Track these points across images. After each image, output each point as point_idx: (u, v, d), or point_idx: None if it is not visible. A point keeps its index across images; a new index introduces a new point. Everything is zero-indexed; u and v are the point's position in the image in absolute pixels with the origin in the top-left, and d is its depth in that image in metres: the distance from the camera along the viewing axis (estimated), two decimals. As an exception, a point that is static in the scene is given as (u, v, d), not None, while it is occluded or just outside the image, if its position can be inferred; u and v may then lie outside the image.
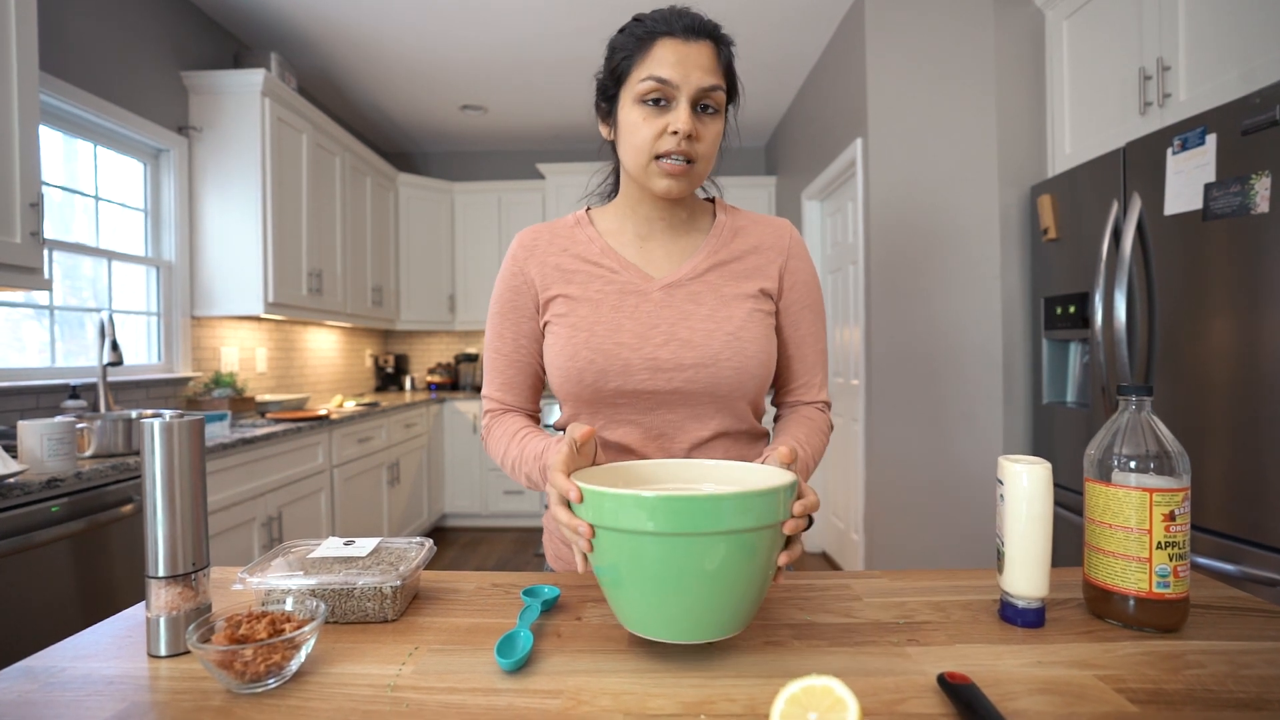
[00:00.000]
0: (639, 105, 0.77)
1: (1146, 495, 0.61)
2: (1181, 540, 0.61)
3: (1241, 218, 1.49)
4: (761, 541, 0.54)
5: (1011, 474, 0.64)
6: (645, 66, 0.77)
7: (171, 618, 0.58)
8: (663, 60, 0.76)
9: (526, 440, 0.82)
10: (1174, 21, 1.80)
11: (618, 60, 0.80)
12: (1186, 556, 0.61)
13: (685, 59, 0.76)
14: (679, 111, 0.76)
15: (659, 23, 0.78)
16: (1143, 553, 0.61)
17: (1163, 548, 0.61)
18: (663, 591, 0.54)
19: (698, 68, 0.76)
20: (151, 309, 2.59)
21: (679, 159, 0.76)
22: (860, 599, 0.71)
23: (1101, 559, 0.64)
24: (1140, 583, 0.61)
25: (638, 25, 0.79)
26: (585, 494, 0.56)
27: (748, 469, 0.67)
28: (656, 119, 0.76)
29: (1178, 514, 0.61)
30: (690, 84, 0.76)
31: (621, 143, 0.81)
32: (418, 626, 0.65)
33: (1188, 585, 0.61)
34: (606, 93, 0.83)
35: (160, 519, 0.57)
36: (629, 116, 0.78)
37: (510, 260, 0.88)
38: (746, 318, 0.83)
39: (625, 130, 0.79)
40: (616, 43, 0.81)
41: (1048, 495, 0.63)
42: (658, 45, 0.77)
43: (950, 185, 2.49)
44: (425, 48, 3.19)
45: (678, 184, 0.78)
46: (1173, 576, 0.60)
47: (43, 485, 1.35)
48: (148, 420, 0.57)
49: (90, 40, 2.23)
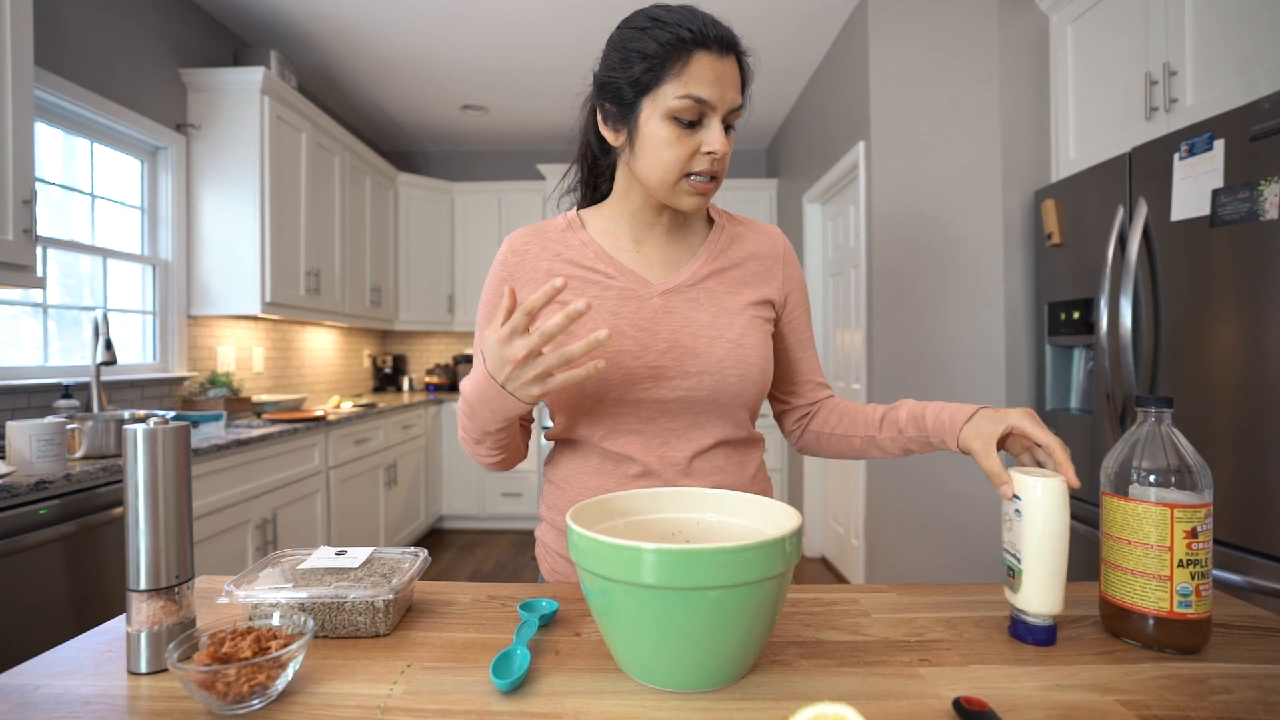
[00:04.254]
0: (670, 122, 0.73)
1: (1167, 511, 0.59)
2: (1204, 558, 0.59)
3: (1250, 224, 1.47)
4: (767, 591, 0.51)
5: (1027, 486, 0.62)
6: (682, 83, 0.71)
7: (153, 633, 0.55)
8: (701, 78, 0.71)
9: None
10: (1180, 26, 1.78)
11: (642, 68, 0.73)
12: (1209, 575, 0.59)
13: (721, 78, 0.72)
14: (713, 133, 0.73)
15: (692, 33, 0.71)
16: (1163, 570, 0.59)
17: (1184, 566, 0.58)
18: (664, 642, 0.51)
19: (731, 86, 0.73)
20: (147, 308, 2.57)
21: (706, 178, 0.75)
22: (869, 615, 0.69)
23: (1119, 576, 0.62)
24: (1161, 602, 0.59)
25: (661, 30, 0.72)
26: (581, 540, 0.53)
27: (752, 500, 0.65)
28: (689, 138, 0.73)
29: (1200, 530, 0.58)
30: (725, 104, 0.73)
31: (643, 155, 0.76)
32: (410, 642, 0.63)
33: (1210, 605, 0.59)
34: (622, 98, 0.75)
35: (143, 529, 0.55)
36: (655, 131, 0.73)
37: (499, 265, 0.85)
38: (747, 325, 0.82)
39: (649, 145, 0.74)
40: (639, 45, 0.73)
41: (1064, 509, 0.61)
42: (695, 60, 0.71)
43: (953, 189, 2.47)
44: (427, 47, 3.17)
45: (703, 201, 0.77)
46: (1195, 596, 0.58)
47: (30, 487, 1.32)
48: (130, 427, 0.55)
49: (88, 37, 2.21)
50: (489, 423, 0.73)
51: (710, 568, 0.49)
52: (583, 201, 0.92)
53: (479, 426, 0.75)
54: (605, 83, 0.77)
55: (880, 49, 2.56)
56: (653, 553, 0.49)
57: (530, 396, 0.66)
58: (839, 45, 2.99)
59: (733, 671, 0.54)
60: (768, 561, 0.50)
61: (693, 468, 0.81)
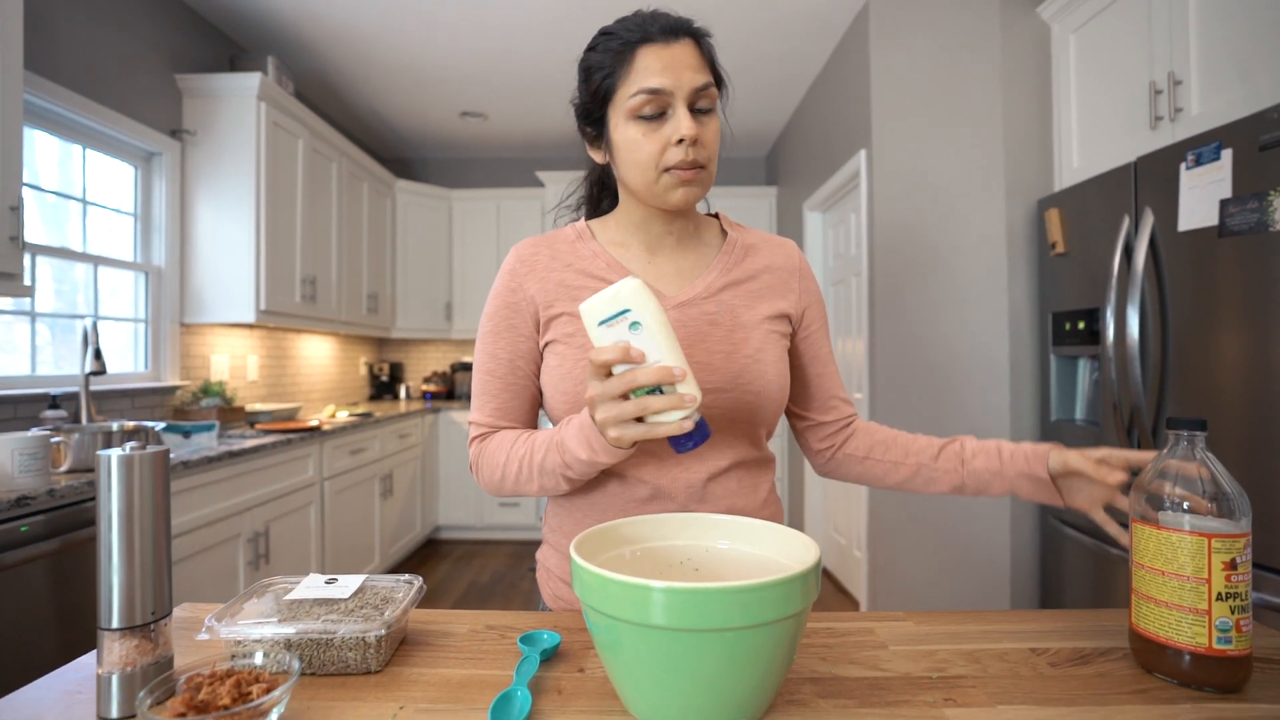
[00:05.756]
0: (634, 122, 0.72)
1: (1204, 541, 0.56)
2: (1244, 591, 0.55)
3: (1259, 234, 1.45)
4: (785, 630, 0.48)
5: (624, 289, 0.61)
6: (632, 80, 0.71)
7: (126, 674, 0.51)
8: (649, 69, 0.71)
9: (529, 439, 0.75)
10: (1185, 35, 1.76)
11: (598, 80, 0.74)
12: (1249, 609, 0.56)
13: (672, 63, 0.71)
14: (679, 119, 0.71)
15: (634, 30, 0.72)
16: (1200, 604, 0.56)
17: (1224, 599, 0.55)
18: (674, 684, 0.48)
19: (687, 68, 0.71)
20: (140, 315, 2.53)
21: (686, 166, 0.72)
22: (886, 647, 0.66)
23: (1152, 609, 0.58)
24: (1198, 637, 0.56)
25: (610, 39, 0.74)
26: (586, 575, 0.49)
27: (766, 527, 0.61)
28: (656, 132, 0.72)
29: (1239, 562, 0.55)
30: (683, 87, 0.71)
31: (621, 163, 0.75)
32: (404, 679, 0.59)
33: (1250, 640, 0.56)
34: (591, 116, 0.77)
35: (116, 564, 0.51)
36: (625, 135, 0.73)
37: (508, 276, 0.81)
38: (764, 340, 0.79)
39: (624, 150, 0.74)
40: (592, 62, 0.75)
41: (654, 299, 0.62)
42: (639, 55, 0.71)
43: (956, 197, 2.45)
44: (425, 54, 3.15)
45: (693, 190, 0.74)
46: (1235, 631, 0.55)
47: (11, 504, 1.28)
48: (104, 453, 0.51)
49: (83, 42, 2.18)
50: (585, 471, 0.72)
51: (725, 608, 0.45)
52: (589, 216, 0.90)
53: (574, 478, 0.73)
54: (578, 107, 0.79)
55: (881, 57, 2.54)
56: (663, 592, 0.45)
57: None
58: (839, 53, 2.97)
59: (747, 715, 0.50)
60: (786, 599, 0.47)
61: (707, 491, 0.77)
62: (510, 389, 0.81)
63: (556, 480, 0.73)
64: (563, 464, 0.71)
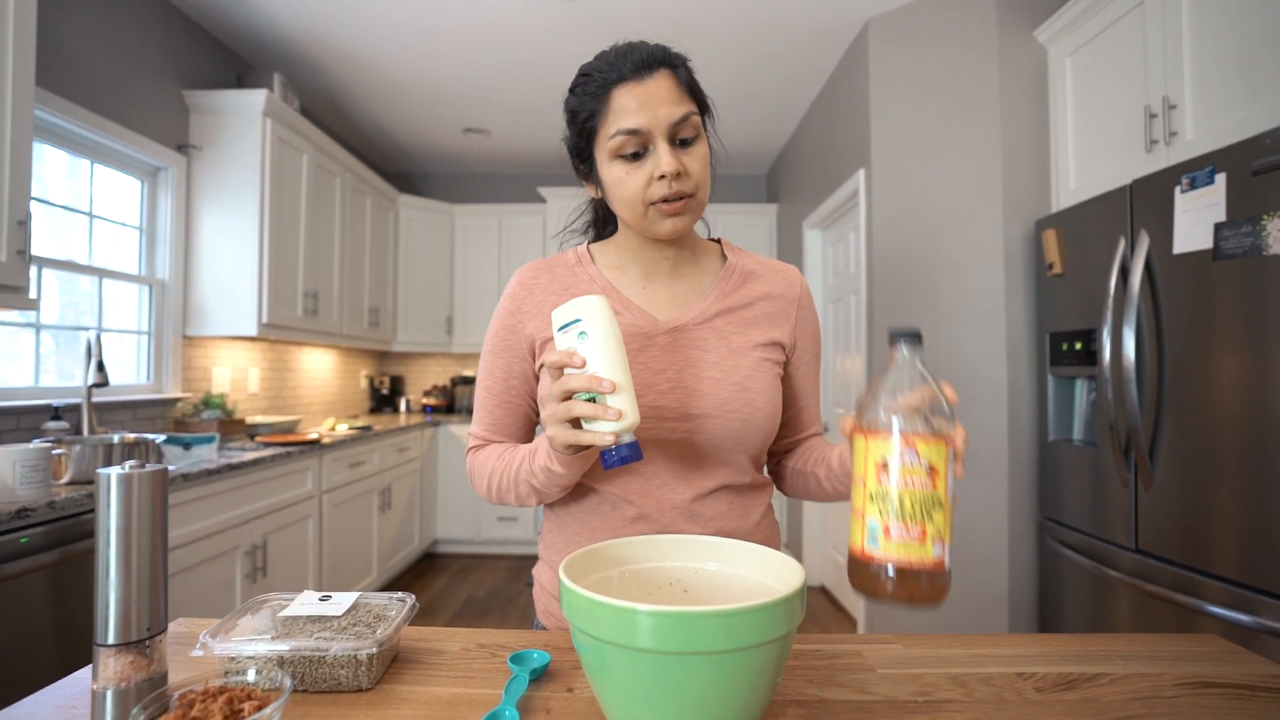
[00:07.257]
0: (617, 161, 0.74)
1: (864, 441, 0.55)
2: (905, 497, 0.53)
3: (1253, 258, 1.47)
4: (771, 653, 0.49)
5: (584, 305, 0.65)
6: (610, 122, 0.73)
7: (120, 690, 0.52)
8: (624, 110, 0.72)
9: (515, 450, 0.79)
10: (1179, 60, 1.79)
11: (581, 122, 0.76)
12: (920, 519, 0.52)
13: (647, 100, 0.72)
14: (659, 155, 0.72)
15: (608, 71, 0.73)
16: (859, 503, 0.55)
17: (874, 499, 0.54)
18: (660, 706, 0.48)
19: (662, 103, 0.72)
20: (143, 328, 2.55)
21: (673, 200, 0.73)
22: (873, 670, 0.66)
23: (851, 520, 0.57)
24: (855, 536, 0.55)
25: (588, 81, 0.75)
26: (573, 597, 0.50)
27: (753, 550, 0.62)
28: (639, 169, 0.73)
29: (891, 463, 0.53)
30: (660, 124, 0.72)
31: (612, 199, 0.78)
32: (394, 698, 0.59)
33: (926, 554, 0.52)
34: (581, 154, 0.79)
35: (113, 581, 0.52)
36: (611, 174, 0.75)
37: (509, 299, 0.84)
38: (754, 367, 0.79)
39: (612, 187, 0.76)
40: (574, 105, 0.77)
41: (606, 314, 0.65)
42: (615, 96, 0.73)
43: (954, 217, 2.47)
44: (429, 71, 3.20)
45: (682, 220, 0.75)
46: (884, 535, 0.53)
47: (11, 515, 1.29)
48: (103, 471, 0.53)
49: (92, 59, 2.22)
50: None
51: (710, 631, 0.46)
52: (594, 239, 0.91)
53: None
54: (568, 147, 0.82)
55: (880, 77, 2.58)
56: (649, 615, 0.46)
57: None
58: (839, 73, 3.01)
59: None
60: (771, 623, 0.48)
61: (694, 511, 0.78)
62: (504, 406, 0.84)
63: (527, 489, 0.76)
64: (530, 472, 0.74)
